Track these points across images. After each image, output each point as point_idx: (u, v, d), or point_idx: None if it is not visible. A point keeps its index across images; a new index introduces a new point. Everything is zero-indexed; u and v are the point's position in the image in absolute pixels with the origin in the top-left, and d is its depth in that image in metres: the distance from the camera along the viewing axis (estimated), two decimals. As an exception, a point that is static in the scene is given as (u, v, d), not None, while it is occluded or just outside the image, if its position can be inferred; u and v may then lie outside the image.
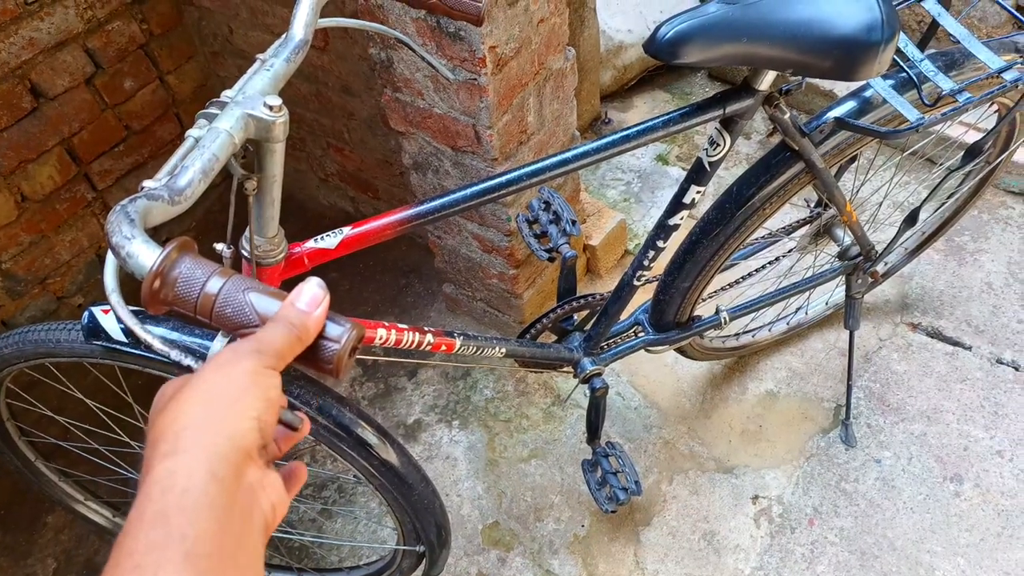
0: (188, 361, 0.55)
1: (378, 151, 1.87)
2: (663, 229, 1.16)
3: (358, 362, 1.84)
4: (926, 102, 1.05)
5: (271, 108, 0.68)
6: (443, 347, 1.13)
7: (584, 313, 1.42)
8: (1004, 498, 1.49)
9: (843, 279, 1.53)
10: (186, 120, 2.13)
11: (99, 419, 1.20)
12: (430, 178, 1.55)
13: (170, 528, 0.37)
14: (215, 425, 0.41)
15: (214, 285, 0.47)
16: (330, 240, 0.85)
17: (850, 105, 1.12)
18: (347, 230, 0.86)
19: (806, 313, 1.74)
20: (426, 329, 1.10)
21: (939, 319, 1.77)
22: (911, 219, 1.36)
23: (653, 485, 1.60)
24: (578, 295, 1.36)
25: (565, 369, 1.43)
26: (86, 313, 0.96)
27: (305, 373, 1.02)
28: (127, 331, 0.96)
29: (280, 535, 1.44)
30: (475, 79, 1.25)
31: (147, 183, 0.61)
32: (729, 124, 1.02)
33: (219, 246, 0.81)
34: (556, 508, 1.59)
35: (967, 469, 1.54)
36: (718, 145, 1.03)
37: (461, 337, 1.15)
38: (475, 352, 1.18)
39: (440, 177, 1.53)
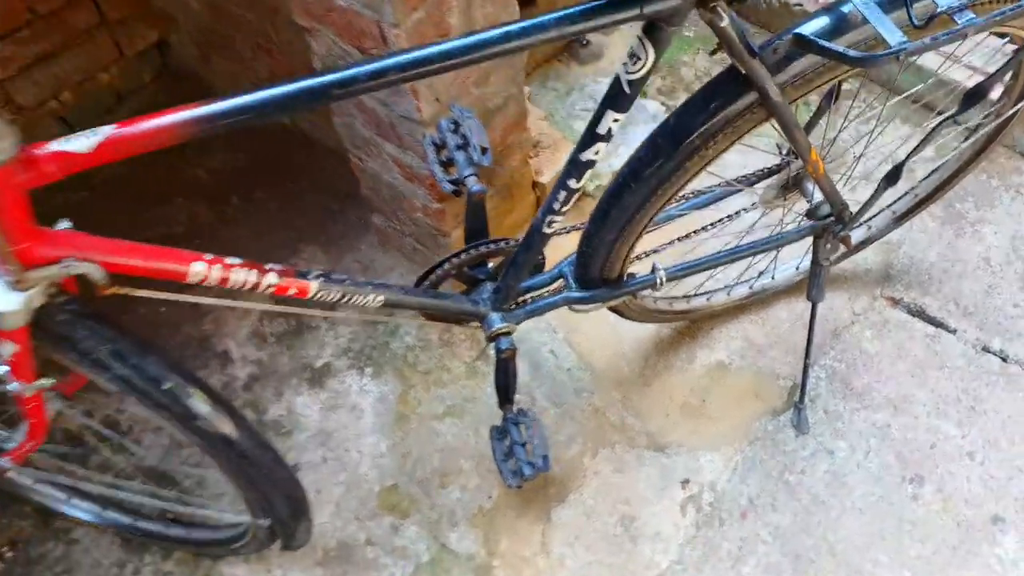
0: None
1: (306, 55, 1.63)
2: (575, 166, 0.93)
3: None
4: (915, 23, 0.81)
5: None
6: (292, 290, 0.93)
7: (500, 260, 1.21)
8: (967, 507, 1.30)
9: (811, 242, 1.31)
10: (104, 7, 1.89)
11: None
12: (340, 88, 1.32)
13: None
14: None
15: None
16: (82, 142, 0.64)
17: (821, 22, 0.87)
18: (108, 130, 0.64)
19: (772, 277, 1.52)
20: (268, 267, 0.90)
21: (924, 295, 1.55)
22: (892, 176, 1.12)
23: (575, 457, 1.42)
24: (488, 239, 1.15)
25: (474, 324, 1.23)
26: None
27: (98, 310, 0.82)
28: None
29: (136, 497, 1.24)
30: (371, -38, 1.01)
31: None
32: (653, 32, 0.78)
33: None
34: (464, 475, 1.42)
35: (931, 470, 1.35)
36: (639, 59, 0.80)
37: (319, 280, 0.94)
38: (340, 299, 0.98)
39: (350, 87, 1.30)
